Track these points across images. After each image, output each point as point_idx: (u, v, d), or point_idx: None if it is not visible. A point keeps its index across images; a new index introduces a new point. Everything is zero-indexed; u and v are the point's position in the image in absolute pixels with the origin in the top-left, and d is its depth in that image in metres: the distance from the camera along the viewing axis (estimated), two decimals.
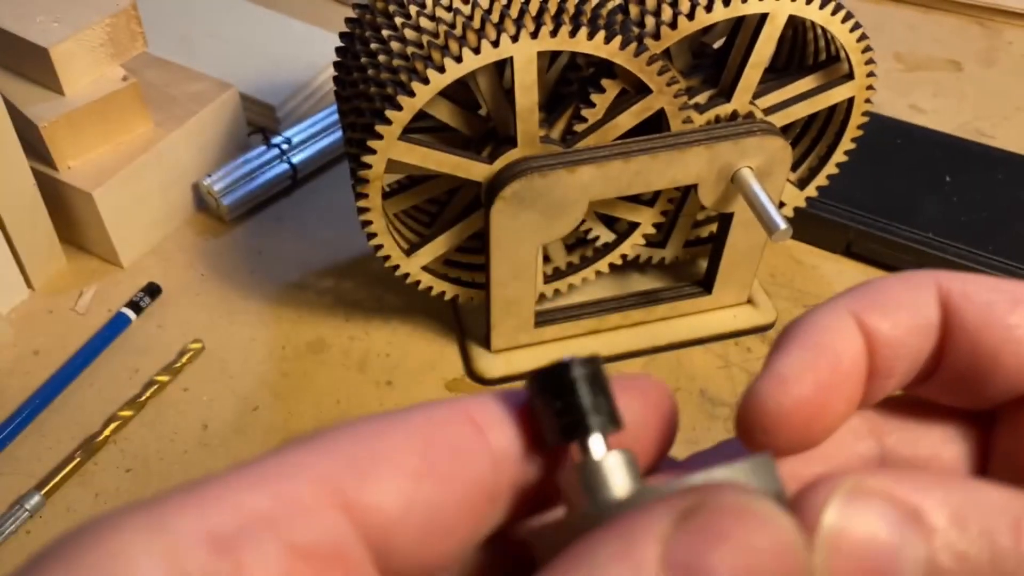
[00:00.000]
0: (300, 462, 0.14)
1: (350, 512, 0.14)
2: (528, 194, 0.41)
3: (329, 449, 0.14)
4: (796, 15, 0.42)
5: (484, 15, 0.39)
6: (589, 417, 0.16)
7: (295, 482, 0.14)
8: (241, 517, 0.13)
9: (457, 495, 0.15)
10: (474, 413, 0.16)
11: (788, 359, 0.17)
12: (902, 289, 0.18)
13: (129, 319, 0.51)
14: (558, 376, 0.16)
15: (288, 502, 0.14)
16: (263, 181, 0.58)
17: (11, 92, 0.51)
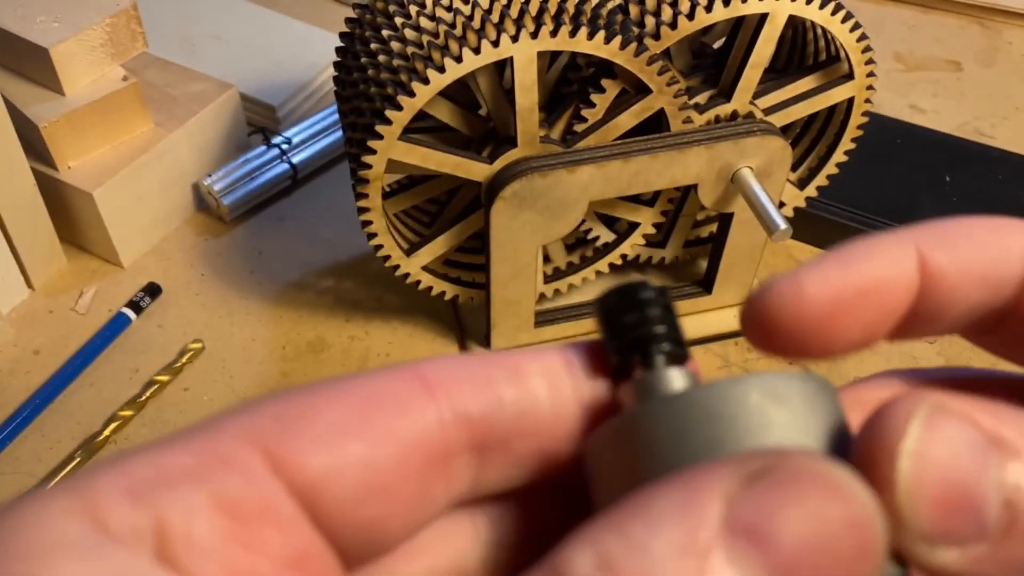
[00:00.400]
0: (225, 423, 0.14)
1: (276, 466, 0.13)
2: (528, 194, 0.41)
3: (257, 409, 0.14)
4: (796, 15, 0.42)
5: (484, 15, 0.39)
6: (656, 331, 0.16)
7: (218, 440, 0.13)
8: (160, 472, 0.13)
9: (395, 453, 0.14)
10: (426, 372, 0.15)
11: (817, 266, 0.16)
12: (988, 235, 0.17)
13: (129, 319, 0.51)
14: (631, 294, 0.16)
15: (210, 457, 0.13)
16: (263, 181, 0.58)
17: (11, 92, 0.51)
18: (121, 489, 0.12)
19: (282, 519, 0.13)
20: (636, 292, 0.16)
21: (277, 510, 0.13)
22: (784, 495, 0.12)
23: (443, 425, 0.15)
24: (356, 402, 0.14)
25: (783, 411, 0.14)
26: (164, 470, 0.13)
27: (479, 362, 0.16)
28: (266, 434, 0.14)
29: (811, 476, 0.12)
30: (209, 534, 0.13)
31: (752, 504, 0.12)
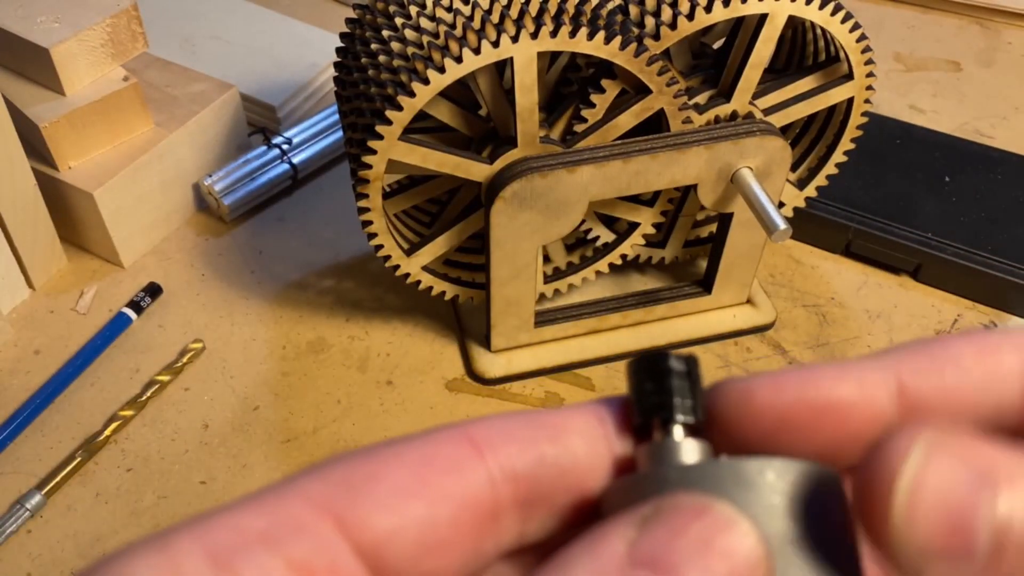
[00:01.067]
0: (295, 487, 0.15)
1: (344, 529, 0.15)
2: (528, 194, 0.41)
3: (324, 473, 0.15)
4: (796, 15, 0.42)
5: (484, 15, 0.39)
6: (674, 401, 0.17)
7: (290, 504, 0.15)
8: (238, 536, 0.14)
9: (451, 512, 0.16)
10: (473, 433, 0.16)
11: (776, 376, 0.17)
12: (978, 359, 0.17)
13: (130, 319, 0.52)
14: (658, 362, 0.17)
15: (283, 521, 0.14)
16: (264, 181, 0.58)
17: (12, 92, 0.51)
18: (202, 551, 0.14)
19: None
20: (663, 361, 0.17)
21: (344, 570, 0.14)
22: (673, 527, 0.14)
23: (493, 483, 0.16)
24: (413, 465, 0.16)
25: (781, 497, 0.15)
26: (241, 533, 0.14)
27: (523, 422, 0.17)
28: (333, 498, 0.15)
29: (695, 509, 0.14)
30: None
31: (648, 540, 0.14)
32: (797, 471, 0.15)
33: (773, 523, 0.15)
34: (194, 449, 0.46)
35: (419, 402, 0.49)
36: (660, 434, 0.17)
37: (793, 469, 0.15)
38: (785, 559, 0.15)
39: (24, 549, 0.43)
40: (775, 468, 0.15)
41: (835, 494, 0.16)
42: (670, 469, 0.16)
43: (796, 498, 0.15)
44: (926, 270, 0.54)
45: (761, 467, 0.15)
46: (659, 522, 0.14)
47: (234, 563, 0.14)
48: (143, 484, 0.45)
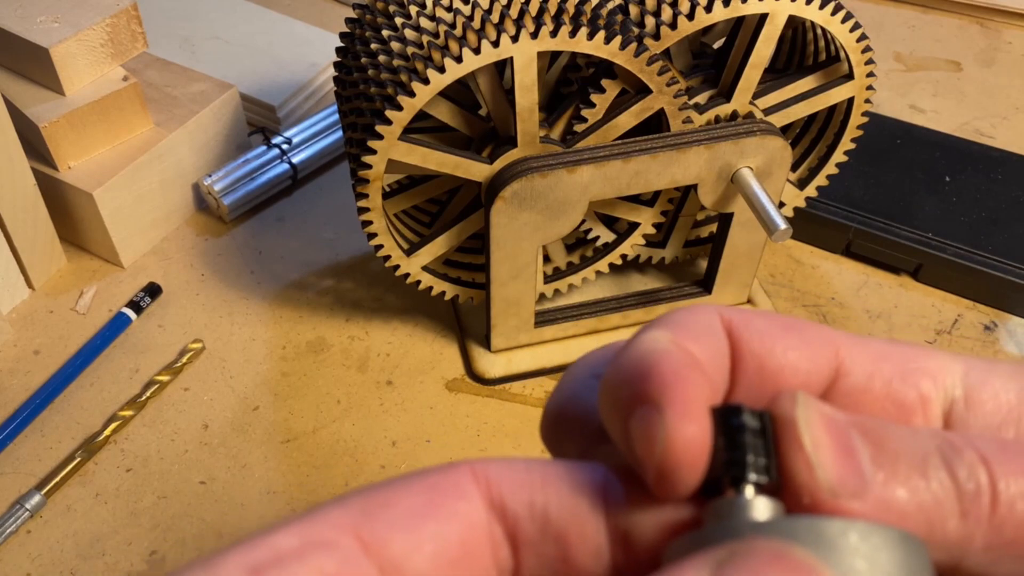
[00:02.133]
0: (320, 514, 0.17)
1: (366, 548, 0.16)
2: (528, 194, 0.41)
3: (343, 502, 0.17)
4: (796, 15, 0.42)
5: (484, 15, 0.39)
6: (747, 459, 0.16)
7: (319, 526, 0.16)
8: (275, 553, 0.16)
9: (460, 531, 0.17)
10: (476, 467, 0.18)
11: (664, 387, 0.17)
12: (693, 317, 0.19)
13: (129, 319, 0.51)
14: (727, 416, 0.17)
15: (314, 540, 0.16)
16: (263, 181, 0.58)
17: (12, 92, 0.51)
18: (244, 568, 0.15)
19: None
20: (737, 416, 0.17)
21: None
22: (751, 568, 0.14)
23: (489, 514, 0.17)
24: (423, 492, 0.17)
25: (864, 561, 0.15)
26: (278, 551, 0.16)
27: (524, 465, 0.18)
28: (356, 520, 0.17)
29: (772, 554, 0.14)
30: None
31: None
32: (882, 535, 0.15)
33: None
34: (194, 449, 0.46)
35: (419, 402, 0.49)
36: (731, 492, 0.16)
37: (878, 533, 0.15)
38: None
39: (24, 549, 0.43)
40: (858, 530, 0.15)
41: (921, 563, 0.15)
42: (743, 524, 0.15)
43: (880, 564, 0.15)
44: (926, 270, 0.54)
45: (844, 528, 0.15)
46: (735, 564, 0.14)
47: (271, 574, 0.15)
48: (143, 484, 0.45)
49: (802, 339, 0.19)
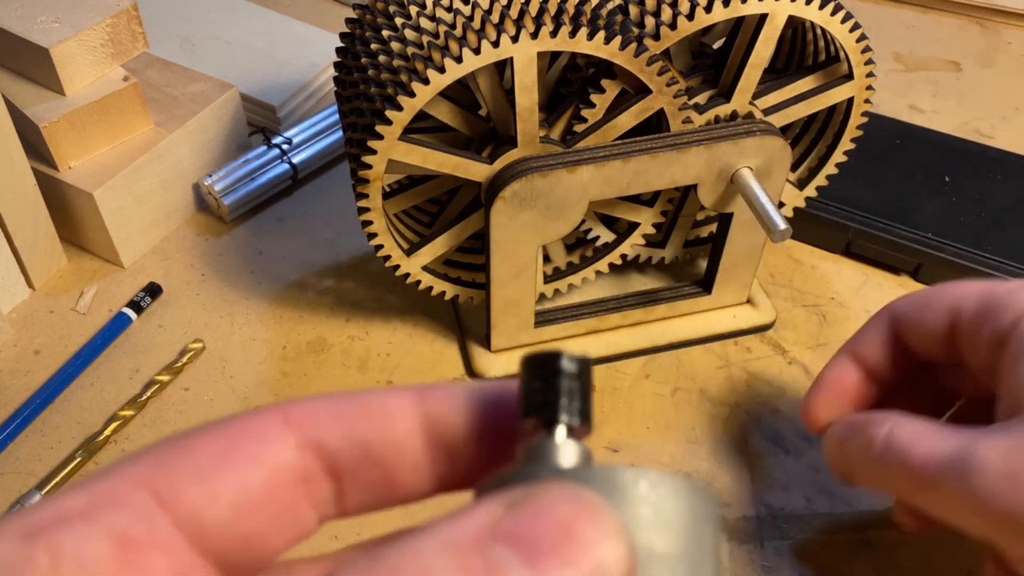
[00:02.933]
0: (114, 470, 0.16)
1: (162, 502, 0.16)
2: (528, 194, 0.41)
3: (140, 455, 0.16)
4: (795, 15, 0.42)
5: (484, 15, 0.39)
6: (560, 401, 0.17)
7: (110, 483, 0.16)
8: (57, 513, 0.15)
9: (261, 476, 0.17)
10: (286, 409, 0.18)
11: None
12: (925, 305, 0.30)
13: (130, 319, 0.52)
14: (546, 360, 0.17)
15: (102, 497, 0.15)
16: (264, 181, 0.58)
17: (12, 92, 0.51)
18: (16, 531, 0.15)
19: (165, 544, 0.16)
20: (555, 361, 0.17)
21: (160, 537, 0.16)
22: (539, 508, 0.14)
23: (300, 452, 0.17)
24: (223, 438, 0.17)
25: (650, 509, 0.15)
26: (62, 511, 0.15)
27: (337, 400, 0.18)
28: (151, 474, 0.16)
29: (560, 495, 0.15)
30: (98, 560, 0.15)
31: (512, 518, 0.14)
32: (671, 486, 0.16)
33: (639, 534, 0.15)
34: None
35: None
36: (542, 434, 0.17)
37: (668, 483, 0.16)
38: (646, 572, 0.15)
39: None
40: (649, 479, 0.15)
41: (706, 513, 0.16)
42: (544, 470, 0.16)
43: (665, 512, 0.15)
44: (926, 270, 0.54)
45: (635, 476, 0.15)
46: (526, 503, 0.14)
47: (50, 535, 0.15)
48: None
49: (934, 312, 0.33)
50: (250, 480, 0.17)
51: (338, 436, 0.18)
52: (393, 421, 0.18)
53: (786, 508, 0.44)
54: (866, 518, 0.43)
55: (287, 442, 0.17)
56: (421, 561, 0.13)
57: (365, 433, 0.18)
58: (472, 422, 0.18)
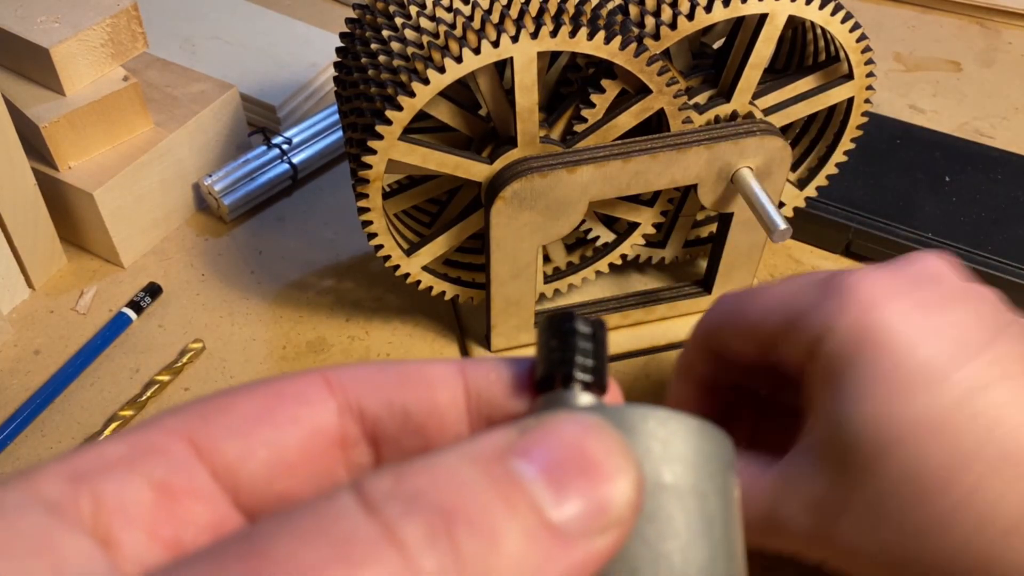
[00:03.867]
0: (156, 422, 0.16)
1: (200, 453, 0.16)
2: (528, 194, 0.41)
3: (182, 409, 0.17)
4: (796, 15, 0.42)
5: (484, 15, 0.39)
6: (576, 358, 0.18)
7: (151, 434, 0.16)
8: (100, 460, 0.15)
9: (299, 437, 0.17)
10: (328, 374, 0.18)
11: None
12: None
13: (130, 319, 0.52)
14: (562, 321, 0.18)
15: (143, 446, 0.16)
16: (264, 181, 0.58)
17: (12, 92, 0.51)
18: (62, 473, 0.15)
19: (203, 495, 0.16)
20: (570, 321, 0.18)
21: (199, 487, 0.16)
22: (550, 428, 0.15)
23: (340, 416, 0.17)
24: (265, 397, 0.17)
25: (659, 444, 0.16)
26: (104, 458, 0.15)
27: (379, 368, 0.18)
28: (190, 427, 0.16)
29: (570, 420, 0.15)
30: (138, 506, 0.15)
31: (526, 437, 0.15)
32: (681, 423, 0.16)
33: (648, 465, 0.16)
34: None
35: None
36: (559, 388, 0.17)
37: (677, 420, 0.16)
38: (655, 503, 0.16)
39: None
40: (658, 417, 0.16)
41: (716, 452, 0.16)
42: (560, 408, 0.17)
43: (674, 447, 0.16)
44: None
45: (644, 414, 0.16)
46: (537, 426, 0.15)
47: (92, 480, 0.15)
48: None
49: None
50: (288, 440, 0.17)
51: (379, 402, 0.18)
52: (436, 390, 0.18)
53: None
54: None
55: (327, 405, 0.17)
56: (447, 468, 0.14)
57: (407, 401, 0.18)
58: (513, 395, 0.18)
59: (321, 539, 0.13)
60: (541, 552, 0.14)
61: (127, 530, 0.15)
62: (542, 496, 0.14)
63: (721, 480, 0.16)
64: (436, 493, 0.14)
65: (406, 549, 0.13)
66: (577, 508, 0.14)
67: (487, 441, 0.15)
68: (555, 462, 0.14)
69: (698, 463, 0.16)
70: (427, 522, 0.13)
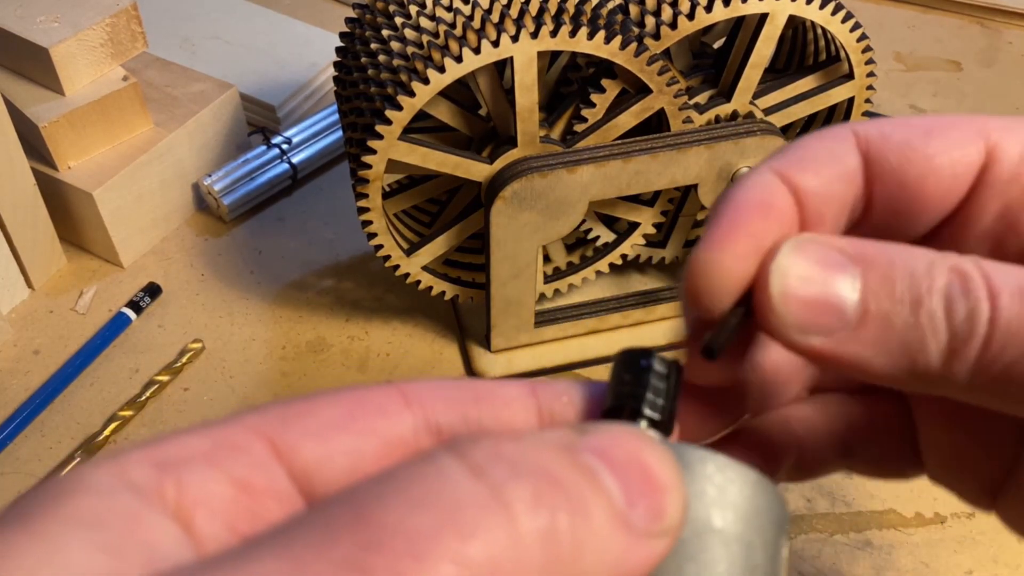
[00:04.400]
0: (237, 419, 0.17)
1: (279, 454, 0.16)
2: (528, 194, 0.41)
3: (263, 409, 0.17)
4: (796, 15, 0.42)
5: (484, 15, 0.39)
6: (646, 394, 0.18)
7: (233, 431, 0.16)
8: (184, 451, 0.16)
9: (376, 448, 0.17)
10: (405, 388, 0.18)
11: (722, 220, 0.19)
12: (821, 143, 0.20)
13: (129, 319, 0.51)
14: (639, 356, 0.18)
15: (225, 443, 0.16)
16: (263, 181, 0.58)
17: (12, 92, 0.51)
18: (149, 460, 0.15)
19: (280, 495, 0.16)
20: (647, 358, 0.18)
21: (277, 487, 0.16)
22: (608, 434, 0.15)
23: (416, 430, 0.18)
24: (345, 406, 0.17)
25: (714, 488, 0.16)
26: (188, 450, 0.16)
27: (454, 384, 0.18)
28: (271, 428, 0.16)
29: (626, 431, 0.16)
30: (219, 499, 0.15)
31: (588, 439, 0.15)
32: (739, 472, 0.16)
33: (700, 507, 0.16)
34: None
35: None
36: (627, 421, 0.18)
37: (735, 469, 0.16)
38: (700, 544, 0.16)
39: None
40: (716, 462, 0.16)
41: (769, 506, 0.17)
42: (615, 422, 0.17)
43: (729, 494, 0.16)
44: None
45: (704, 456, 0.16)
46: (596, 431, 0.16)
47: (178, 470, 0.15)
48: None
49: (945, 142, 0.19)
50: (365, 449, 0.17)
51: (455, 418, 0.18)
52: (511, 408, 0.18)
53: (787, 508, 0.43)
54: (866, 519, 0.43)
55: (404, 418, 0.17)
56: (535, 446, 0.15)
57: (483, 417, 0.18)
58: (582, 419, 0.19)
59: (430, 504, 0.13)
60: (622, 538, 0.14)
61: (208, 521, 0.15)
62: (614, 490, 0.15)
63: (771, 535, 0.16)
64: (535, 462, 0.14)
65: (512, 512, 0.13)
66: (641, 509, 0.15)
67: (555, 434, 0.15)
68: (619, 463, 0.15)
69: (749, 514, 0.16)
70: (533, 486, 0.14)
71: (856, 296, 0.17)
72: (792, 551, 0.42)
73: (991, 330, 0.17)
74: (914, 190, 0.20)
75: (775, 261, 0.18)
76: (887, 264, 0.18)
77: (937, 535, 0.42)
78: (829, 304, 0.18)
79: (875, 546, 0.42)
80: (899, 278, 0.17)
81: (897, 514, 0.43)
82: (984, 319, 0.17)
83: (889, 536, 0.42)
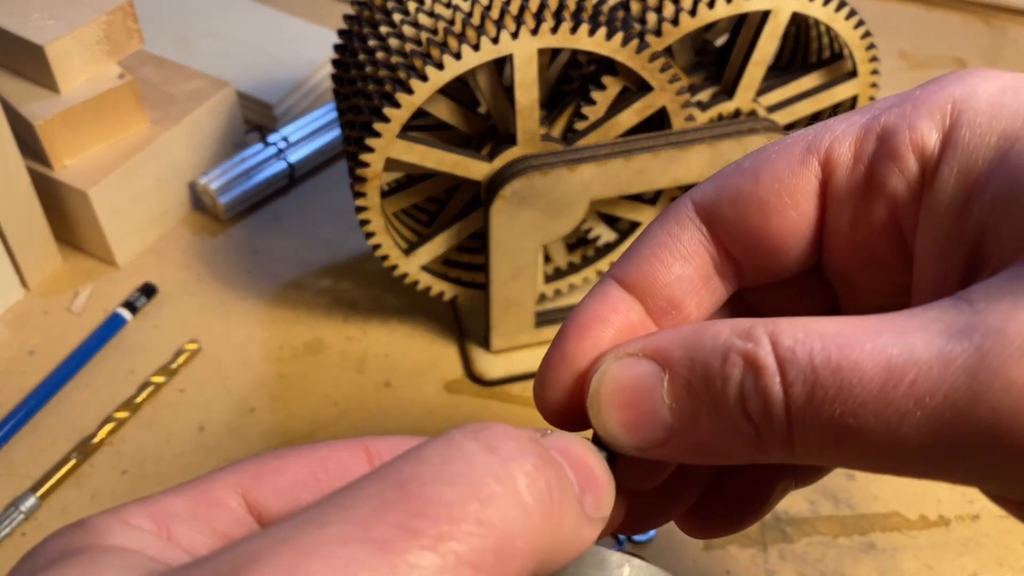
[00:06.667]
0: (219, 475, 0.20)
1: (252, 508, 0.19)
2: (528, 193, 0.41)
3: (240, 466, 0.20)
4: (799, 12, 0.41)
5: (484, 12, 0.39)
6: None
7: (213, 486, 0.19)
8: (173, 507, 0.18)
9: None
10: (369, 444, 0.20)
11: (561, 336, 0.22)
12: (661, 228, 0.22)
13: (125, 319, 0.51)
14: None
15: (206, 500, 0.19)
16: (260, 179, 0.58)
17: (6, 90, 0.51)
18: (144, 512, 0.18)
19: None
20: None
21: None
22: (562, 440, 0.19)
23: None
24: (311, 465, 0.20)
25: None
26: (176, 507, 0.18)
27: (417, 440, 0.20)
28: (245, 484, 0.19)
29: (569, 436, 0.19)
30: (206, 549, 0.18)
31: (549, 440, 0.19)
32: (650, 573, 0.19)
33: None
34: (190, 451, 0.46)
35: (418, 404, 0.48)
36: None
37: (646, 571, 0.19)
38: None
39: (18, 552, 0.42)
40: (633, 566, 0.19)
41: None
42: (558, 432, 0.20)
43: None
44: None
45: (622, 560, 0.19)
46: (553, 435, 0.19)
47: (170, 525, 0.18)
48: (138, 486, 0.44)
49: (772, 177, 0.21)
50: None
51: None
52: None
53: (789, 511, 0.43)
54: (869, 521, 0.43)
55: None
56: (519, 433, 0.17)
57: None
58: None
59: (458, 479, 0.16)
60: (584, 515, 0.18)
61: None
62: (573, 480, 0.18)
63: None
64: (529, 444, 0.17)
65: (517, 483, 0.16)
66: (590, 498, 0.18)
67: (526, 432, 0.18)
68: (574, 460, 0.18)
69: None
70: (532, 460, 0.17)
71: (667, 406, 0.19)
72: (795, 554, 0.41)
73: (789, 421, 0.17)
74: (762, 236, 0.20)
75: (590, 391, 0.20)
76: (687, 363, 0.19)
77: (941, 538, 0.42)
78: (647, 420, 0.19)
79: (879, 549, 0.42)
80: (697, 378, 0.18)
81: (901, 517, 0.43)
82: (780, 412, 0.17)
83: (893, 539, 0.42)
